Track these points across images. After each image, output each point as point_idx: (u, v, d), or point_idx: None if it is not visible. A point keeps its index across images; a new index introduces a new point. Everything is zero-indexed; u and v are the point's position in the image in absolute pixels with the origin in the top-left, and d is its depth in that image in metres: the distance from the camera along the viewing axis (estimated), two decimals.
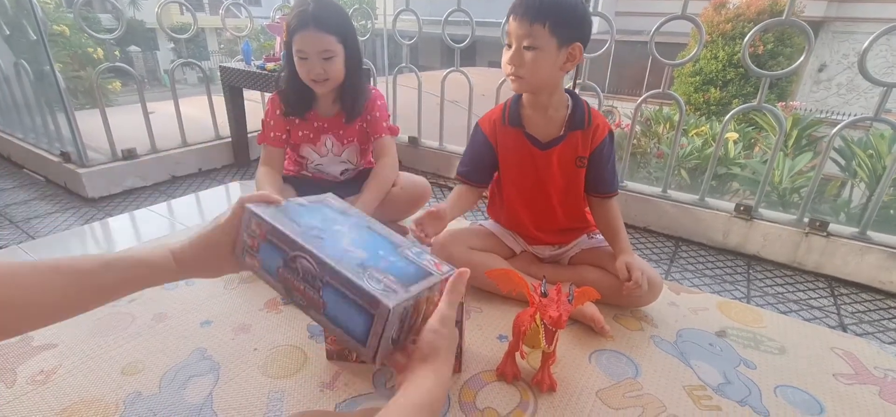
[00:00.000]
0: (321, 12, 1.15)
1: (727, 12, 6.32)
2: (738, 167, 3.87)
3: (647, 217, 1.70)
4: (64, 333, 0.99)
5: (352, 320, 0.50)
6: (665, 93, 1.61)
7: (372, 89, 1.37)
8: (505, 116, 1.08)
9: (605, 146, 1.06)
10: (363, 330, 0.49)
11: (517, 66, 0.95)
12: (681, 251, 1.59)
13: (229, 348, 0.96)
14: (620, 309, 1.12)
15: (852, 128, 5.43)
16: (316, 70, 1.19)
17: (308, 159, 1.39)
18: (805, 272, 1.47)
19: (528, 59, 0.93)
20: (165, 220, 1.62)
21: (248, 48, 2.07)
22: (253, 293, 1.15)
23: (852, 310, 1.29)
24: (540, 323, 0.78)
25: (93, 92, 1.91)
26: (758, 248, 1.53)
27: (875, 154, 3.22)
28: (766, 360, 0.99)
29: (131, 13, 13.15)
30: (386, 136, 1.37)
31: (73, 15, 1.74)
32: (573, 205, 1.14)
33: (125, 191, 1.90)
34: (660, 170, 4.17)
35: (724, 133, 1.60)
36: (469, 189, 1.15)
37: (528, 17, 0.90)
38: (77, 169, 1.81)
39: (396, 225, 1.48)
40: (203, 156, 2.16)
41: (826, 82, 8.73)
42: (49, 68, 1.73)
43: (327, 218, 0.63)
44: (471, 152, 1.15)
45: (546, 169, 1.08)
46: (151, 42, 14.17)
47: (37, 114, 2.10)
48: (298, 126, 1.33)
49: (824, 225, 1.43)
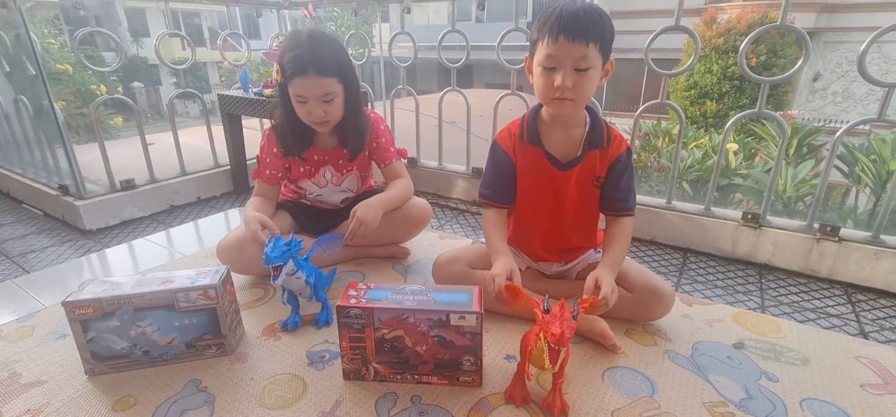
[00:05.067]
0: (318, 55, 1.09)
1: (718, 27, 6.40)
2: (740, 177, 3.85)
3: (653, 228, 1.67)
4: (52, 368, 0.95)
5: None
6: (663, 104, 1.60)
7: (371, 114, 1.33)
8: (523, 133, 1.03)
9: (620, 161, 1.02)
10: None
11: (571, 89, 0.89)
12: (689, 262, 1.55)
13: (224, 379, 0.92)
14: (631, 324, 1.08)
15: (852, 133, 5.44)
16: (316, 113, 1.14)
17: (306, 190, 1.37)
18: (819, 279, 1.42)
19: (581, 80, 0.88)
20: (164, 250, 1.60)
21: (246, 76, 2.08)
22: (250, 320, 1.11)
23: (872, 317, 1.24)
24: (545, 342, 0.74)
25: (94, 129, 1.91)
26: (768, 257, 1.49)
27: (878, 158, 3.20)
28: (788, 372, 0.94)
29: (135, 50, 13.45)
30: (396, 161, 1.35)
31: (75, 55, 1.76)
32: (586, 223, 1.11)
33: (123, 222, 1.88)
34: (661, 184, 4.15)
35: (725, 141, 1.58)
36: (497, 212, 1.09)
37: (582, 37, 0.85)
38: (75, 201, 1.79)
39: (398, 247, 1.45)
40: (202, 184, 2.15)
41: (821, 91, 8.80)
42: (48, 103, 1.74)
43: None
44: (493, 171, 1.08)
45: (564, 189, 1.04)
46: (154, 77, 14.43)
47: (36, 149, 2.11)
48: (297, 163, 1.30)
49: (835, 230, 1.39)
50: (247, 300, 1.20)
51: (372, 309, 0.84)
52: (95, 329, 0.89)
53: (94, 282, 0.93)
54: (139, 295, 0.89)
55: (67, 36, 7.93)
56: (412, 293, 0.87)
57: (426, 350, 0.86)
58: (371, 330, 0.85)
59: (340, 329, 0.86)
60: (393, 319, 0.84)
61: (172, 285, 0.91)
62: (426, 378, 0.89)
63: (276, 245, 0.94)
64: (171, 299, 0.90)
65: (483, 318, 0.83)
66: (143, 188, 1.95)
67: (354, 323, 0.85)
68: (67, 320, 0.88)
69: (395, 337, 0.86)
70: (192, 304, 0.91)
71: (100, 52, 8.36)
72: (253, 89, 2.04)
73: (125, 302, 0.88)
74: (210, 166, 2.21)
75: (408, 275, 1.36)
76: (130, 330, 0.91)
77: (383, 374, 0.89)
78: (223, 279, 0.94)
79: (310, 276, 1.03)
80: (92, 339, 0.90)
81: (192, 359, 0.96)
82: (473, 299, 0.86)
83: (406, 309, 0.83)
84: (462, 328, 0.83)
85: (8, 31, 1.90)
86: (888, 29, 1.20)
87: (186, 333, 0.94)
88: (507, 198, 1.09)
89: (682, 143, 1.66)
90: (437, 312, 0.83)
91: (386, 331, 0.85)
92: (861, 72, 1.28)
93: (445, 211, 2.01)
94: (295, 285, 1.02)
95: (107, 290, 0.89)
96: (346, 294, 0.87)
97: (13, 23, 1.74)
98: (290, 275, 0.98)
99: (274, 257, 0.92)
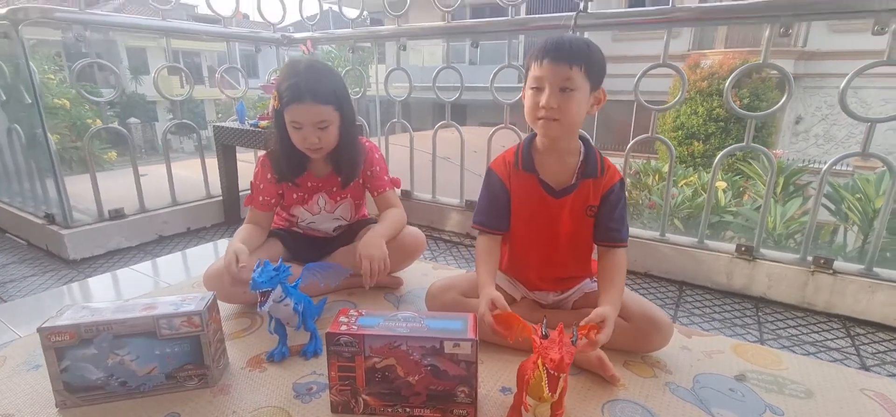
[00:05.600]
0: (315, 83, 1.11)
1: (702, 71, 6.67)
2: (731, 215, 3.90)
3: (647, 261, 1.66)
4: (21, 400, 0.90)
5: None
6: (654, 138, 1.63)
7: (366, 143, 1.33)
8: (518, 160, 1.05)
9: (614, 192, 1.03)
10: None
11: (555, 108, 0.92)
12: (685, 295, 1.53)
13: (205, 412, 0.87)
14: (630, 355, 1.05)
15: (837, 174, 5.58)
16: (311, 139, 1.14)
17: (299, 217, 1.35)
18: (816, 312, 1.41)
19: (566, 100, 0.92)
20: (149, 279, 1.55)
21: (242, 108, 2.10)
22: (235, 350, 1.06)
23: (873, 351, 1.22)
24: (543, 370, 0.71)
25: (88, 162, 1.90)
26: (764, 289, 1.48)
27: (864, 197, 3.27)
28: (793, 405, 0.91)
29: (134, 87, 13.63)
30: (389, 190, 1.34)
31: (74, 88, 1.77)
32: (581, 253, 1.10)
33: (109, 252, 1.83)
34: (653, 221, 4.18)
35: (715, 175, 1.60)
36: (491, 238, 1.08)
37: (566, 60, 0.90)
38: (60, 230, 1.75)
39: (390, 276, 1.42)
40: (192, 214, 2.12)
41: (804, 133, 9.10)
42: (42, 132, 1.73)
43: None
44: (487, 198, 1.09)
45: (558, 217, 1.04)
46: (151, 113, 14.58)
47: (25, 179, 2.08)
48: (291, 189, 1.29)
49: (829, 263, 1.40)
50: (232, 330, 1.16)
51: (363, 335, 0.81)
52: (71, 357, 0.85)
53: (73, 308, 0.89)
54: (120, 321, 0.85)
55: (67, 72, 8.04)
56: (405, 320, 0.85)
57: (419, 380, 0.82)
58: (361, 358, 0.82)
59: (329, 357, 0.83)
60: (385, 346, 0.81)
61: (155, 311, 0.87)
62: (418, 411, 0.85)
63: (264, 270, 0.91)
64: (153, 326, 0.86)
65: (478, 347, 0.80)
66: (132, 217, 1.92)
67: (344, 351, 0.82)
68: (42, 348, 0.83)
69: (387, 367, 0.82)
70: (174, 332, 0.88)
71: (98, 88, 8.47)
72: (249, 121, 2.06)
73: (105, 329, 0.84)
74: (202, 197, 2.19)
75: (400, 305, 1.32)
76: (108, 358, 0.86)
77: (373, 407, 0.85)
78: (209, 305, 0.91)
79: (298, 304, 1.00)
80: (66, 368, 0.85)
81: (171, 391, 0.91)
82: (468, 326, 0.83)
83: (398, 336, 0.80)
84: (456, 356, 0.80)
85: (7, 62, 1.92)
86: (870, 64, 1.24)
87: (167, 363, 0.89)
88: (501, 225, 1.08)
89: (671, 181, 1.67)
90: (431, 339, 0.80)
91: (377, 360, 0.82)
92: (842, 107, 1.32)
93: (439, 244, 1.99)
94: (283, 313, 0.98)
95: (86, 316, 0.86)
96: (337, 320, 0.84)
97: (13, 54, 1.76)
98: (277, 302, 0.95)
99: (261, 282, 0.90)
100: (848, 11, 1.28)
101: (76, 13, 1.71)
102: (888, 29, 1.21)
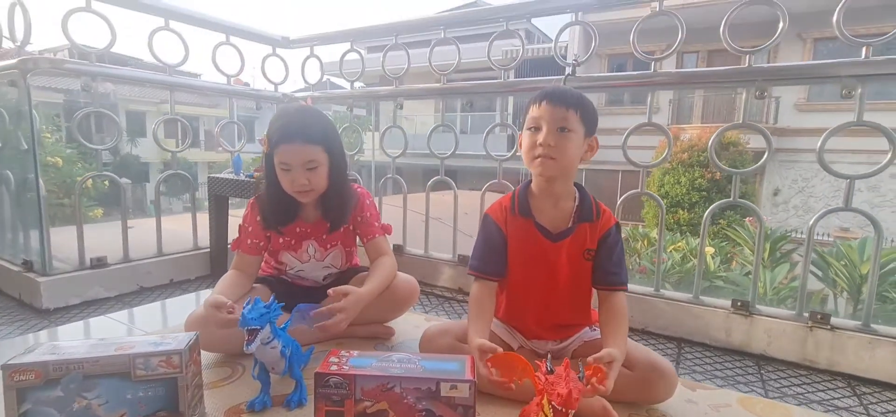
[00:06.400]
0: (305, 124, 1.12)
1: (682, 144, 7.03)
2: (721, 280, 3.91)
3: (645, 317, 1.63)
4: None
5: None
6: (643, 193, 1.67)
7: (358, 189, 1.33)
8: (514, 206, 1.06)
9: (610, 235, 1.04)
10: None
11: (553, 146, 0.96)
12: (685, 352, 1.49)
13: None
14: (634, 407, 1.00)
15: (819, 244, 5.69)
16: (299, 181, 1.13)
17: (288, 265, 1.31)
18: (819, 370, 1.38)
19: (563, 139, 0.96)
20: (123, 326, 1.47)
21: (239, 160, 2.12)
22: (214, 399, 0.98)
23: (881, 411, 1.18)
24: (548, 408, 0.67)
25: (73, 218, 1.86)
26: (764, 346, 1.45)
27: (849, 263, 3.32)
28: None
29: (128, 149, 13.81)
30: (379, 237, 1.32)
31: (73, 140, 1.79)
32: (580, 299, 1.08)
33: (85, 302, 1.75)
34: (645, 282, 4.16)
35: (705, 229, 1.63)
36: (486, 286, 1.06)
37: (563, 103, 0.96)
38: (37, 277, 1.68)
39: (383, 326, 1.37)
40: (177, 265, 2.06)
41: (783, 204, 9.42)
42: (33, 177, 1.72)
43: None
44: (483, 243, 1.09)
45: (555, 261, 1.04)
46: (143, 175, 14.65)
47: (8, 229, 2.02)
48: (279, 233, 1.27)
49: (826, 318, 1.38)
50: (212, 379, 1.08)
51: (354, 376, 0.76)
52: (32, 400, 0.77)
53: (43, 347, 0.83)
54: (92, 359, 0.79)
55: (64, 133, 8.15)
56: (399, 360, 0.80)
57: None
58: (351, 402, 0.76)
59: (317, 402, 0.77)
60: (377, 388, 0.76)
61: (132, 350, 0.82)
62: None
63: (255, 307, 0.87)
64: (128, 365, 0.80)
65: (476, 389, 0.76)
66: (114, 266, 1.85)
67: (334, 394, 0.76)
68: (2, 389, 0.76)
69: (378, 412, 0.77)
70: (151, 372, 0.81)
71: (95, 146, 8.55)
72: (244, 173, 2.07)
73: (75, 367, 0.78)
74: (188, 248, 2.14)
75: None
76: (74, 402, 0.79)
77: None
78: (191, 345, 0.85)
79: (285, 347, 0.94)
80: (25, 413, 0.78)
81: None
82: (466, 368, 0.79)
83: (392, 376, 0.76)
84: (453, 400, 0.76)
85: (8, 109, 1.94)
86: (844, 125, 1.32)
87: (138, 408, 0.82)
88: (498, 270, 1.07)
89: (663, 231, 1.69)
90: (427, 380, 0.76)
91: (368, 404, 0.76)
92: (821, 164, 1.38)
93: (431, 299, 1.94)
94: (269, 356, 0.93)
95: (56, 355, 0.80)
96: (327, 361, 0.80)
97: (17, 101, 1.79)
98: (265, 344, 0.89)
99: (251, 319, 0.85)
100: (817, 76, 1.39)
101: (86, 65, 1.76)
102: (855, 93, 1.31)
